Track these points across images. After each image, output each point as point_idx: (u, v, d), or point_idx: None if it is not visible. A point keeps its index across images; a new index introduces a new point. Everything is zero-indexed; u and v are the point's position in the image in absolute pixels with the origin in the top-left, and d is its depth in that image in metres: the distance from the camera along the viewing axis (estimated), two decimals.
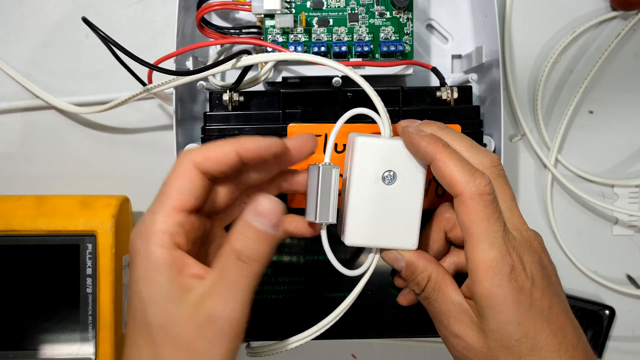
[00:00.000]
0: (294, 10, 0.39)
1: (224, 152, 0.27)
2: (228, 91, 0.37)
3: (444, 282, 0.31)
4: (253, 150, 0.28)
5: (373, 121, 0.32)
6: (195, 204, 0.27)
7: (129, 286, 0.27)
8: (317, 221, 0.30)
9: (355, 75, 0.32)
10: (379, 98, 0.32)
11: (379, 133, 0.32)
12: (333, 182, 0.30)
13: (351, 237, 0.31)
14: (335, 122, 0.33)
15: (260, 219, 0.26)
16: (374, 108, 0.32)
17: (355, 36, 0.39)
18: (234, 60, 0.35)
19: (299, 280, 0.38)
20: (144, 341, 0.26)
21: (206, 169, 0.27)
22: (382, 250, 0.32)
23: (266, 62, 0.38)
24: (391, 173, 0.31)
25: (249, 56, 0.35)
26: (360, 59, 0.39)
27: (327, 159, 0.31)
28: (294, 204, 0.36)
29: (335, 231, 0.33)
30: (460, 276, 0.31)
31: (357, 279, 0.32)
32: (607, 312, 0.47)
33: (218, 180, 0.29)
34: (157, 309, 0.25)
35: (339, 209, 0.32)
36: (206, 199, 0.28)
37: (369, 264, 0.32)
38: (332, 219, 0.30)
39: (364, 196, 0.31)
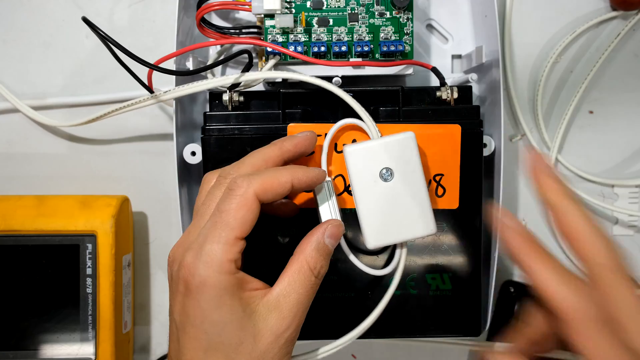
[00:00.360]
0: (294, 10, 0.39)
1: (282, 183, 0.29)
2: (228, 91, 0.37)
3: None
4: (305, 182, 0.30)
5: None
6: (251, 230, 0.29)
7: (185, 313, 0.28)
8: None
9: (332, 87, 0.35)
10: (359, 104, 0.34)
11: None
12: (327, 194, 0.32)
13: (371, 241, 0.32)
14: (335, 122, 0.34)
15: (331, 240, 0.30)
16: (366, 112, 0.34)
17: (355, 36, 0.39)
18: (247, 76, 0.36)
19: None
20: None
21: (264, 198, 0.29)
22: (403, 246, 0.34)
23: (266, 63, 0.38)
24: (388, 170, 0.32)
25: (253, 73, 0.37)
26: (360, 59, 0.39)
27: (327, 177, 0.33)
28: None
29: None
30: None
31: (383, 277, 0.34)
32: None
33: None
34: (233, 328, 0.27)
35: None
36: None
37: (397, 261, 0.33)
38: None
39: (370, 199, 0.32)
